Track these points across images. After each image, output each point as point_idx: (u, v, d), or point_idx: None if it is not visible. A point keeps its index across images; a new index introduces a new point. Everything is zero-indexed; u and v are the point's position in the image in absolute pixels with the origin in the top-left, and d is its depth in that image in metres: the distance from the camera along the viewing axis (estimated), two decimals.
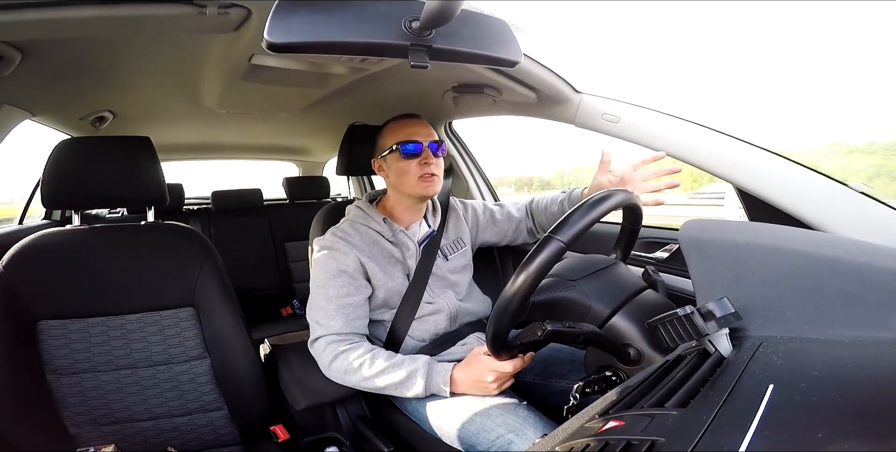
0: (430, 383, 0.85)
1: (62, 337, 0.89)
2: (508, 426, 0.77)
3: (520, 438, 0.75)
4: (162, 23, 0.71)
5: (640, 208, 0.79)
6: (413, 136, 0.97)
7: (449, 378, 0.85)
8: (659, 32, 48.39)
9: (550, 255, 0.59)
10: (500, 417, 0.79)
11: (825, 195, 0.76)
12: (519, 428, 0.76)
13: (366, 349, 0.89)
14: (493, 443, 0.77)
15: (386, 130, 1.02)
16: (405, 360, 0.87)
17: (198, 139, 2.16)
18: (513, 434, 0.76)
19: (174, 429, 0.93)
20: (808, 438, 0.30)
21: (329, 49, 0.54)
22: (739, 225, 0.62)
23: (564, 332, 0.63)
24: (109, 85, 1.17)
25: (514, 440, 0.75)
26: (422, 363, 0.86)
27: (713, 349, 0.46)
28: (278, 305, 2.25)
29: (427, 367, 0.85)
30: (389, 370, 0.85)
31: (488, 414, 0.81)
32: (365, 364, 0.86)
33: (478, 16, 0.62)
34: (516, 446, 0.74)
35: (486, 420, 0.80)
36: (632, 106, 0.95)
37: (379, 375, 0.85)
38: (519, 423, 0.77)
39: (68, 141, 0.96)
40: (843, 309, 0.45)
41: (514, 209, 1.18)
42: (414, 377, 0.84)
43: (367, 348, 0.89)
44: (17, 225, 1.75)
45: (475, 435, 0.79)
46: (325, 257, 0.95)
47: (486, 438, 0.78)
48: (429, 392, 0.85)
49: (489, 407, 0.82)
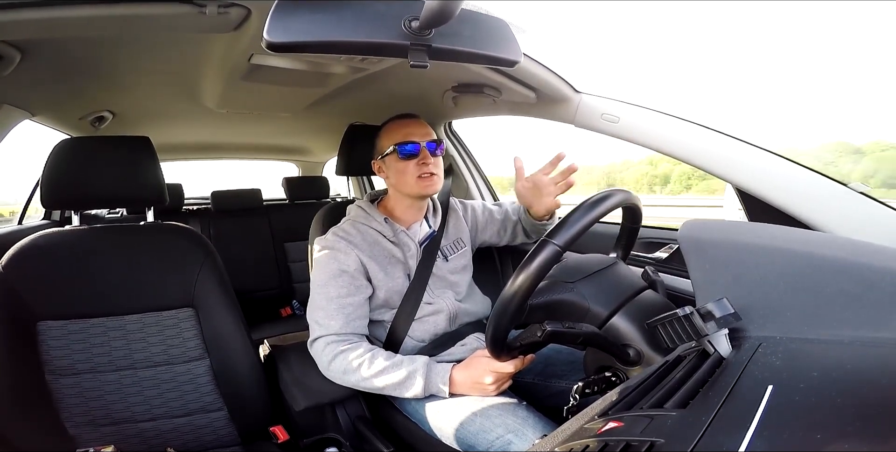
0: (429, 383, 0.85)
1: (62, 338, 0.89)
2: (508, 426, 0.77)
3: (519, 438, 0.75)
4: (162, 22, 0.70)
5: (640, 208, 0.79)
6: (410, 136, 0.97)
7: (448, 379, 0.85)
8: (659, 32, 47.29)
9: (547, 258, 0.59)
10: (500, 417, 0.79)
11: (825, 195, 0.76)
12: (518, 429, 0.76)
13: (365, 349, 0.89)
14: (493, 444, 0.77)
15: (383, 131, 1.02)
16: (404, 360, 0.87)
17: (198, 139, 2.16)
18: (512, 435, 0.76)
19: (174, 430, 0.93)
20: (807, 438, 0.30)
21: (329, 49, 0.54)
22: (739, 225, 0.62)
23: (564, 333, 0.62)
24: (109, 85, 1.17)
25: (513, 440, 0.75)
26: (421, 364, 0.86)
27: (713, 349, 0.46)
28: (278, 305, 2.25)
29: (426, 367, 0.85)
30: (389, 370, 0.85)
31: (487, 415, 0.80)
32: (364, 364, 0.86)
33: (478, 15, 0.62)
34: (515, 446, 0.74)
35: (485, 421, 0.80)
36: (631, 106, 0.94)
37: (378, 375, 0.85)
38: (518, 423, 0.77)
39: (68, 141, 0.96)
40: (843, 309, 0.45)
41: (512, 209, 1.18)
42: (413, 377, 0.84)
43: (367, 348, 0.89)
44: (17, 225, 1.75)
45: (474, 436, 0.79)
46: (325, 256, 0.95)
47: (486, 438, 0.78)
48: (428, 393, 0.85)
49: (488, 408, 0.82)
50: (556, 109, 1.05)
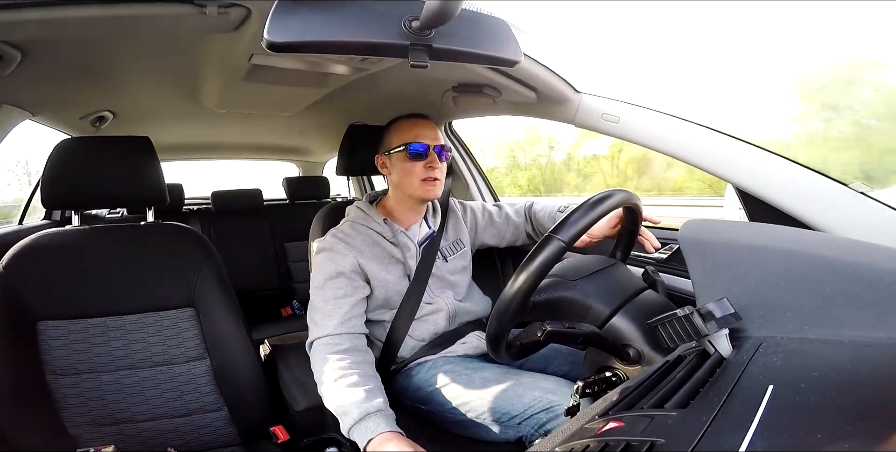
0: (359, 425, 0.77)
1: (62, 338, 0.89)
2: (542, 388, 0.80)
3: (558, 396, 0.78)
4: (162, 22, 0.70)
5: (640, 208, 0.80)
6: (421, 138, 0.97)
7: (374, 436, 0.76)
8: (660, 32, 47.68)
9: (551, 254, 0.59)
10: (531, 383, 0.83)
11: (825, 195, 0.76)
12: (555, 388, 0.79)
13: (349, 364, 0.85)
14: (531, 406, 0.79)
15: (394, 127, 1.02)
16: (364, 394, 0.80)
17: (198, 139, 2.15)
18: (551, 395, 0.78)
19: (174, 430, 0.93)
20: (807, 438, 0.30)
21: (329, 48, 0.54)
22: (739, 225, 0.62)
23: (564, 332, 0.62)
24: (109, 85, 1.17)
25: (553, 398, 0.78)
26: (375, 406, 0.79)
27: (713, 349, 0.46)
28: (278, 305, 2.24)
29: (366, 412, 0.78)
30: (345, 393, 0.80)
31: (520, 382, 0.84)
32: (333, 377, 0.83)
33: (478, 15, 0.62)
34: (556, 402, 0.77)
35: (517, 387, 0.83)
36: (632, 106, 0.95)
37: (333, 393, 0.81)
38: (552, 385, 0.81)
39: (68, 141, 0.96)
40: (843, 309, 0.45)
41: (513, 212, 1.17)
42: (351, 412, 0.78)
43: (355, 363, 0.85)
44: (17, 225, 1.75)
45: (509, 402, 0.81)
46: (323, 258, 0.95)
47: (522, 402, 0.80)
48: (354, 430, 0.78)
49: (516, 376, 0.86)
50: (556, 109, 1.05)
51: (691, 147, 0.88)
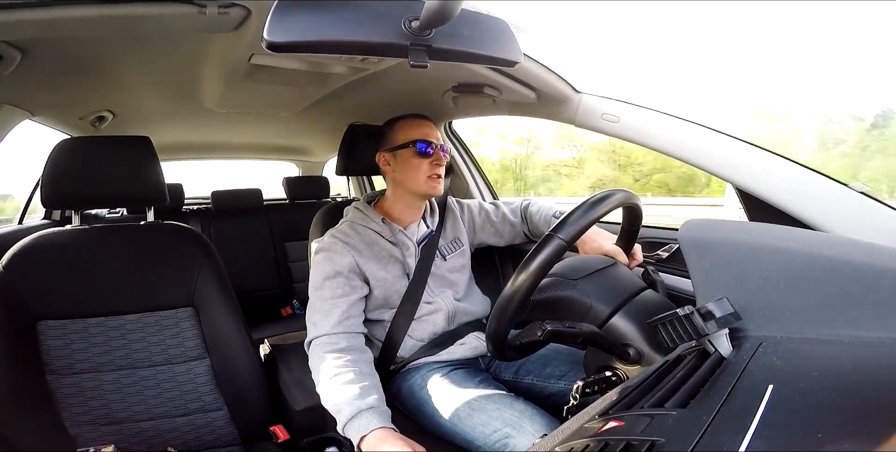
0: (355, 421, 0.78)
1: (62, 337, 0.89)
2: (505, 419, 0.78)
3: (517, 431, 0.75)
4: (162, 22, 0.70)
5: (640, 208, 0.80)
6: (428, 137, 1.00)
7: (367, 433, 0.77)
8: (660, 31, 47.89)
9: (551, 253, 0.59)
10: (497, 411, 0.80)
11: (825, 195, 0.76)
12: (516, 422, 0.77)
13: (345, 363, 0.85)
14: (490, 437, 0.77)
15: (399, 125, 1.03)
16: (359, 391, 0.81)
17: (198, 139, 2.15)
18: (510, 428, 0.76)
19: (174, 429, 0.93)
20: (807, 438, 0.30)
21: (329, 48, 0.54)
22: (739, 225, 0.62)
23: (564, 332, 0.62)
24: (109, 85, 1.17)
25: (511, 433, 0.76)
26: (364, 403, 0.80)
27: (713, 349, 0.46)
28: (278, 305, 2.24)
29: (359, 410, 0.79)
30: (339, 392, 0.81)
31: (484, 409, 0.81)
32: (329, 376, 0.83)
33: (478, 15, 0.62)
34: (514, 439, 0.75)
35: (482, 415, 0.80)
36: (632, 106, 0.95)
37: (329, 391, 0.82)
38: (516, 417, 0.78)
39: (68, 141, 0.96)
40: (843, 309, 0.45)
41: (509, 211, 1.18)
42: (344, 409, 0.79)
43: (351, 361, 0.86)
44: (17, 225, 1.75)
45: (472, 430, 0.80)
46: (321, 259, 0.96)
47: (483, 432, 0.78)
48: (348, 427, 0.79)
49: (485, 402, 0.82)
50: (556, 108, 1.05)
51: (691, 147, 0.88)
